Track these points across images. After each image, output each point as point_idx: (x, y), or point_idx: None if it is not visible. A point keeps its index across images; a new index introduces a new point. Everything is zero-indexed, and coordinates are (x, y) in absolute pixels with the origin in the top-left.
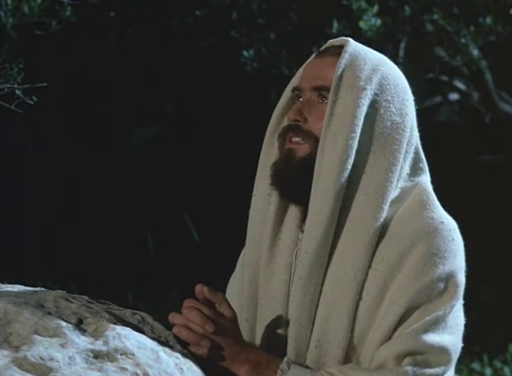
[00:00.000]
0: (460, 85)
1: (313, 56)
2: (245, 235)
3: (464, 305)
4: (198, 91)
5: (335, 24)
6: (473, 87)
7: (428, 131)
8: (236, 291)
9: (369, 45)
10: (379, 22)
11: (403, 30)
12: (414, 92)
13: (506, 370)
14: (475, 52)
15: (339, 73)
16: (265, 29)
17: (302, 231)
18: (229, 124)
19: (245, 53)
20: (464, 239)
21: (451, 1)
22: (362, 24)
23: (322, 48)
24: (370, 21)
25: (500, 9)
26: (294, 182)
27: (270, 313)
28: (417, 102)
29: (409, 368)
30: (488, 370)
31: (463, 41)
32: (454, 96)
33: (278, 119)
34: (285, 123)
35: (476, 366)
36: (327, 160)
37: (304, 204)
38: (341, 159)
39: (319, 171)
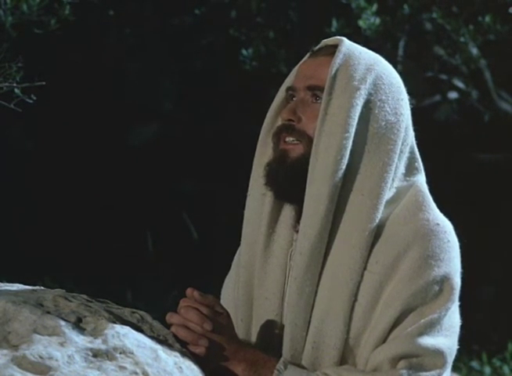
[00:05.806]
0: (459, 84)
1: (307, 55)
2: None
3: (463, 304)
4: (197, 89)
5: (334, 23)
6: (472, 86)
7: (427, 130)
8: (231, 291)
9: (368, 44)
10: (378, 21)
11: (402, 29)
12: (413, 91)
13: (506, 368)
14: (474, 51)
15: (333, 72)
16: (264, 28)
17: (297, 232)
18: (228, 122)
19: (244, 52)
20: (463, 239)
21: None
22: (361, 23)
23: (317, 47)
24: (369, 20)
25: (499, 7)
26: (288, 182)
27: (265, 314)
28: (416, 101)
29: (404, 371)
30: (487, 369)
31: (462, 39)
32: (453, 95)
33: (272, 119)
34: (279, 123)
35: (475, 364)
36: (321, 161)
37: (298, 204)
38: (335, 159)
39: (313, 172)
